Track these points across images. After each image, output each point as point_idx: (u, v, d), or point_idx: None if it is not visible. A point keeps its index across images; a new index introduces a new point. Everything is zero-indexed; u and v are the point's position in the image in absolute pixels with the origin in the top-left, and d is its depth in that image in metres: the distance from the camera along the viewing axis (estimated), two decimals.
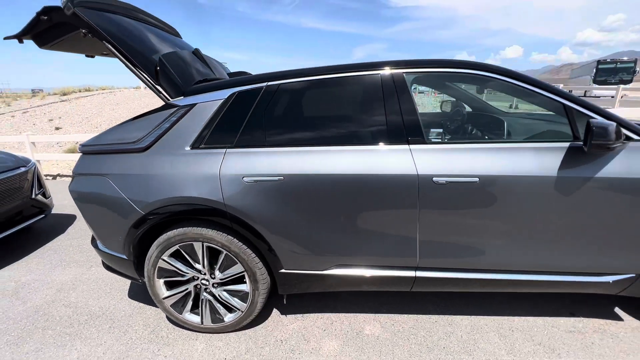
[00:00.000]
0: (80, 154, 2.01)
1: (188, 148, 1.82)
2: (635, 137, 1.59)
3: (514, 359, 1.76)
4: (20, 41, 1.99)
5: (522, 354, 1.79)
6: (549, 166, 1.57)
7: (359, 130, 1.78)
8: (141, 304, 2.37)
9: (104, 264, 2.21)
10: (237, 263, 1.86)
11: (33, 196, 3.41)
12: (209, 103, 1.86)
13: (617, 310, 2.08)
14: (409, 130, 1.69)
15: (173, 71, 1.93)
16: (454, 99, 2.97)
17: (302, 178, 1.69)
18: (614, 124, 1.45)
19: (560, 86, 13.81)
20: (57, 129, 12.45)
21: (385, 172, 1.65)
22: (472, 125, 2.76)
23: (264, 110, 1.81)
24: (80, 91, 19.93)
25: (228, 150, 1.79)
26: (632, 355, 1.76)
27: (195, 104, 1.87)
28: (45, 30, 1.96)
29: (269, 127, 1.80)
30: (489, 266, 1.77)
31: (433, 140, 1.70)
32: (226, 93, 1.86)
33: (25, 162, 3.53)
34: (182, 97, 1.91)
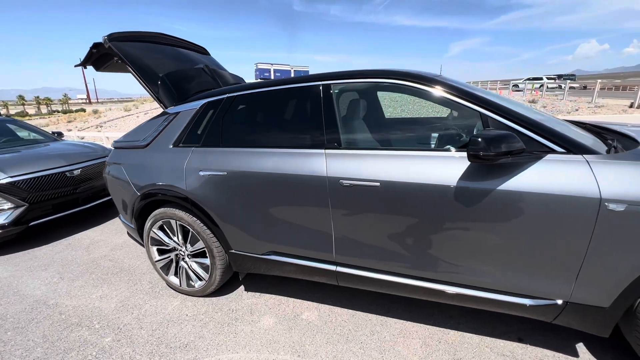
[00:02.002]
0: (113, 148, 2.75)
1: (171, 146, 2.34)
2: (558, 149, 1.44)
3: None
4: (85, 67, 2.83)
5: None
6: (451, 175, 1.55)
7: (288, 135, 2.02)
8: None
9: (127, 232, 2.93)
10: (199, 240, 2.31)
11: None
12: (188, 111, 2.35)
13: (579, 345, 1.82)
14: (326, 135, 1.86)
15: (171, 86, 2.50)
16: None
17: (239, 174, 2.03)
18: (506, 134, 1.36)
19: None
20: None
21: (302, 173, 1.86)
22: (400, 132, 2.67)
23: (222, 118, 2.20)
24: None
25: (194, 149, 2.24)
26: None
27: (180, 112, 2.38)
28: (98, 59, 2.73)
29: (224, 131, 2.19)
30: (399, 270, 1.80)
31: (348, 146, 1.82)
32: (200, 103, 2.32)
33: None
34: (173, 106, 2.45)
